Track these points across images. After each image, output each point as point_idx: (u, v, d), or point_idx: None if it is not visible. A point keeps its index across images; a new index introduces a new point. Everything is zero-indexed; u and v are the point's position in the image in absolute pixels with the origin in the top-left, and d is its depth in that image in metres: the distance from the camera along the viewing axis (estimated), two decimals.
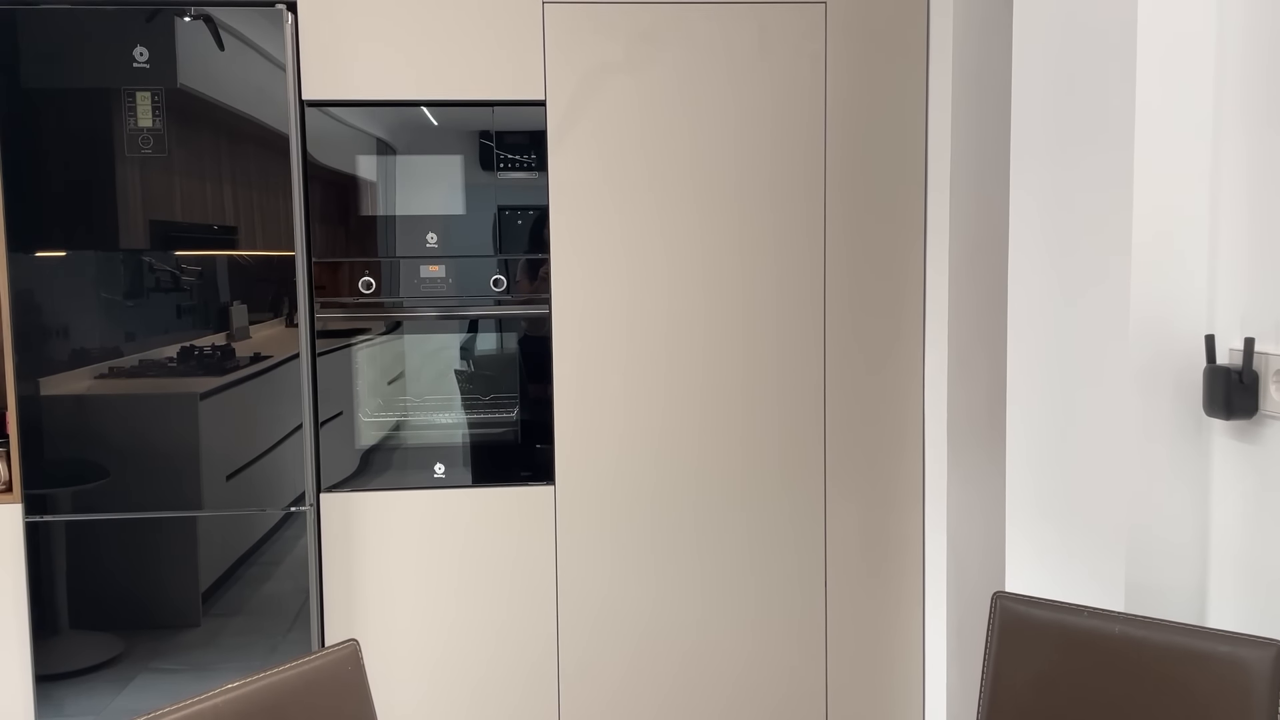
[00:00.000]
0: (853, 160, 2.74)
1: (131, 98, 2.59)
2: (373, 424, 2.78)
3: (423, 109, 2.73)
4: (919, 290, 2.78)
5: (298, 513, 2.71)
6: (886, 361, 2.78)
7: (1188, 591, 1.66)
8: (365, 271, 2.73)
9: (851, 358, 2.78)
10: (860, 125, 2.73)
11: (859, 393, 2.78)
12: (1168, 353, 1.63)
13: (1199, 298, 1.63)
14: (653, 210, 2.75)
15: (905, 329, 2.78)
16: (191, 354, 2.67)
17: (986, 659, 1.61)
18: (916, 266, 2.77)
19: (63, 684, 2.67)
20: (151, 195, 2.63)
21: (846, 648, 2.84)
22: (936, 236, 2.70)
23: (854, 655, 2.84)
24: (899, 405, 2.80)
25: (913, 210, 2.76)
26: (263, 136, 2.64)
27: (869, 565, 2.82)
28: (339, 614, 2.76)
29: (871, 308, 2.77)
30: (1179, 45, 1.61)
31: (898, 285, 2.78)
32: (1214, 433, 1.64)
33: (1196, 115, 1.61)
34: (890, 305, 2.78)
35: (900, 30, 2.72)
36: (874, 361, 2.78)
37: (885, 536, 2.82)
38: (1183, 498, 1.65)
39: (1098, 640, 1.52)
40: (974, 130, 2.57)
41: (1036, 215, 1.90)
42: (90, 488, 2.65)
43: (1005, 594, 1.63)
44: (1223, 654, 1.43)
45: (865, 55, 2.72)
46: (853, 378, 2.78)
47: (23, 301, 2.62)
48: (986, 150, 2.56)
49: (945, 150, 2.62)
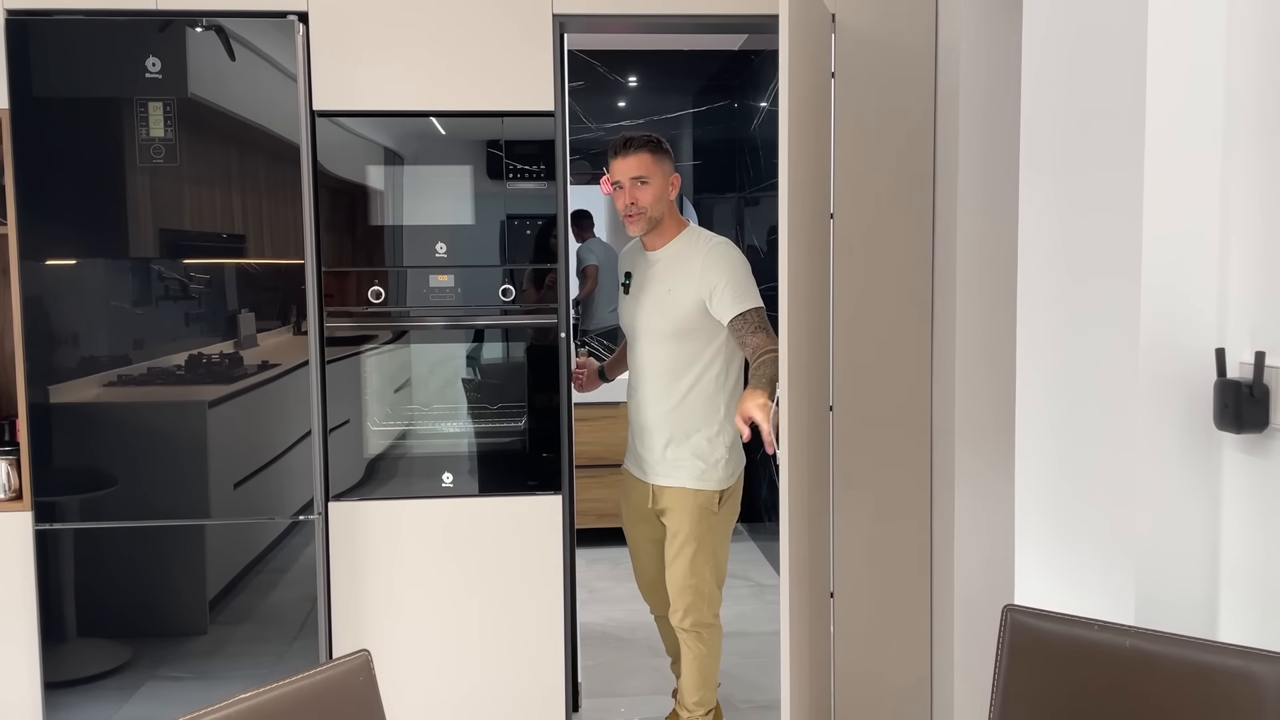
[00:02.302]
0: (861, 169, 2.74)
1: (144, 108, 2.60)
2: (380, 432, 2.79)
3: (432, 119, 2.74)
4: (926, 302, 2.78)
5: (305, 521, 2.71)
6: (893, 373, 2.78)
7: (1198, 605, 1.66)
8: (375, 281, 2.74)
9: (858, 369, 2.78)
10: (868, 135, 2.74)
11: (865, 405, 2.78)
12: (1178, 366, 1.63)
13: (1209, 311, 1.63)
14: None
15: (912, 341, 2.78)
16: (200, 362, 2.68)
17: (997, 673, 1.61)
18: (924, 277, 2.77)
19: (71, 691, 2.67)
20: (161, 204, 2.64)
21: (852, 658, 2.83)
22: (944, 247, 2.71)
23: (860, 667, 2.84)
24: (906, 417, 2.79)
25: (921, 220, 2.76)
26: (272, 146, 2.65)
27: (875, 575, 2.82)
28: (346, 622, 2.76)
29: (878, 319, 2.78)
30: (1189, 60, 1.61)
31: (905, 297, 2.78)
32: (1224, 446, 1.64)
33: (1207, 128, 1.62)
34: (897, 317, 2.78)
35: (909, 40, 2.73)
36: (881, 373, 2.78)
37: (892, 547, 2.81)
38: (1193, 511, 1.65)
39: (1109, 654, 1.52)
40: (983, 140, 2.58)
41: (1046, 228, 1.90)
42: (98, 495, 2.66)
43: (1016, 607, 1.62)
44: (1235, 669, 1.43)
45: (873, 65, 2.72)
46: (859, 389, 2.78)
47: (33, 309, 2.62)
48: (995, 160, 2.57)
49: (954, 160, 2.62)
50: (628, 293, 2.75)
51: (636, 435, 2.74)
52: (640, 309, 2.68)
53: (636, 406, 2.72)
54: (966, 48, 2.57)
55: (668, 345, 2.63)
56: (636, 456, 2.75)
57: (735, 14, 2.73)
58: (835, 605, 2.82)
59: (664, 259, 2.66)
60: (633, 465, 2.79)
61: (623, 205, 2.62)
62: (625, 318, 2.77)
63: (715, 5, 2.72)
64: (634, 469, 2.78)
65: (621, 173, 2.61)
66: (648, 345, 2.66)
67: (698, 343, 2.61)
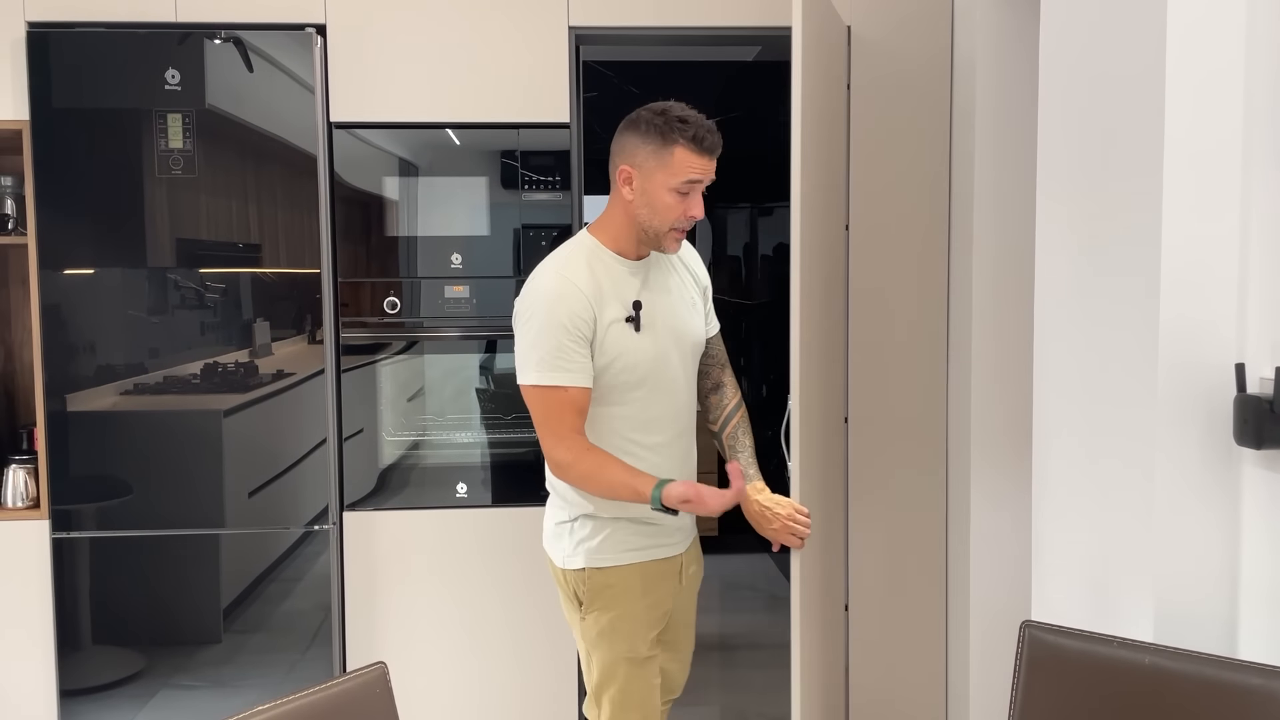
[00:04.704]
0: (877, 177, 2.74)
1: (163, 119, 2.62)
2: (394, 442, 2.80)
3: (447, 130, 2.75)
4: (942, 315, 2.77)
5: (319, 531, 2.72)
6: (910, 386, 2.78)
7: (1218, 622, 1.64)
8: (390, 291, 2.75)
9: (874, 381, 2.77)
10: (884, 146, 2.74)
11: (881, 418, 2.77)
12: (1197, 381, 1.62)
13: (1229, 325, 1.62)
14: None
15: (928, 354, 2.78)
16: (215, 371, 2.69)
17: (1014, 690, 1.60)
18: (940, 290, 2.77)
19: (86, 699, 2.68)
20: (179, 214, 2.66)
21: (867, 672, 2.82)
22: (960, 259, 2.70)
23: (875, 682, 2.82)
24: (922, 429, 2.79)
25: (937, 233, 2.76)
26: (289, 157, 2.67)
27: (890, 589, 2.81)
28: (360, 632, 2.76)
29: (894, 332, 2.77)
30: (1208, 73, 1.61)
31: (920, 309, 2.77)
32: (1244, 462, 1.62)
33: (1226, 142, 1.61)
34: (913, 329, 2.77)
35: (925, 53, 2.73)
36: (897, 385, 2.77)
37: (908, 561, 2.80)
38: (1212, 527, 1.64)
39: (1128, 672, 1.51)
40: (999, 153, 2.58)
41: (1064, 242, 1.90)
42: (114, 504, 2.67)
43: (1034, 623, 1.62)
44: (1256, 687, 1.42)
45: (889, 78, 2.72)
46: (874, 399, 2.77)
47: (51, 318, 2.64)
48: (1011, 168, 2.56)
49: (970, 172, 2.62)
50: (639, 329, 1.95)
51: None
52: (671, 329, 2.00)
53: (679, 460, 2.04)
54: (983, 61, 2.57)
55: (693, 368, 2.08)
56: (667, 531, 2.02)
57: (750, 26, 2.73)
58: (850, 619, 2.81)
59: (657, 264, 2.03)
60: (661, 543, 2.03)
61: (689, 215, 1.93)
62: (645, 353, 1.96)
63: (730, 19, 2.73)
64: (664, 548, 2.03)
65: (706, 171, 1.92)
66: (685, 374, 2.04)
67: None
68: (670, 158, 1.88)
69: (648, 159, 1.90)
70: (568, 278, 1.91)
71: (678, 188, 1.89)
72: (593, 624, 2.00)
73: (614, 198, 1.97)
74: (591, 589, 1.99)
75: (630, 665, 2.00)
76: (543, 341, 1.88)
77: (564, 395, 1.89)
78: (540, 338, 1.88)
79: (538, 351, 1.89)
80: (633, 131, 1.92)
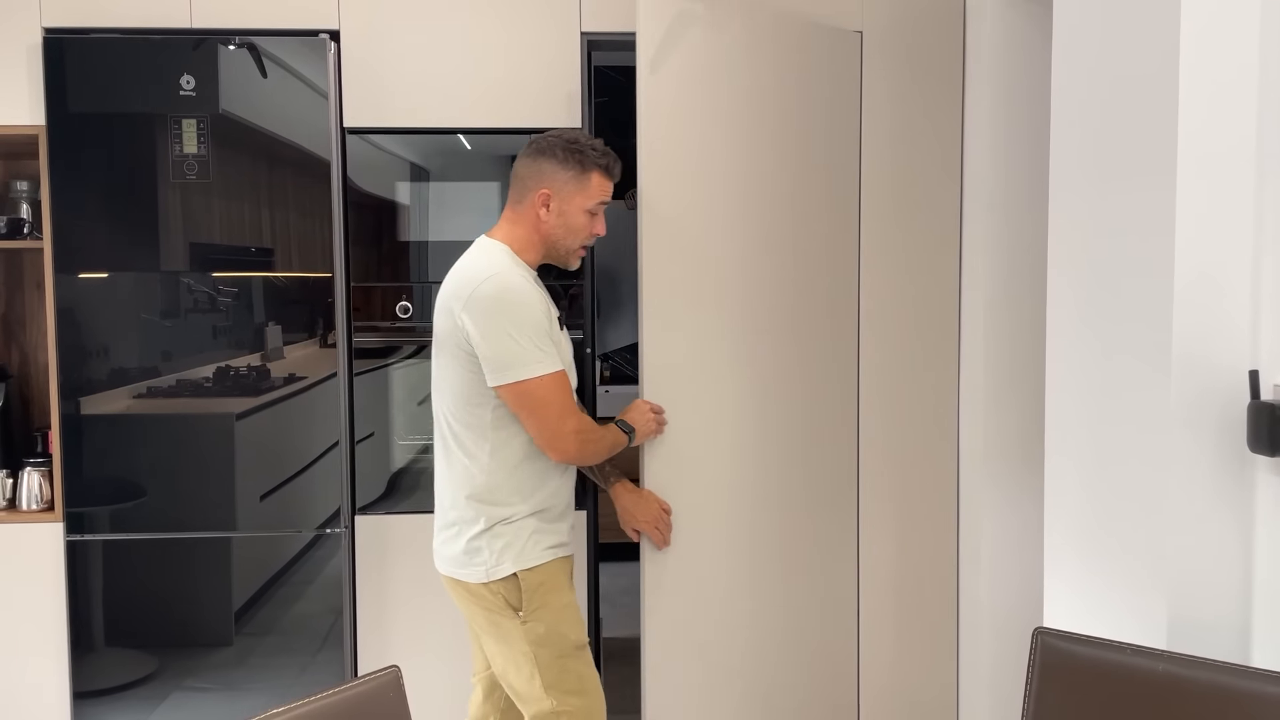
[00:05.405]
0: (888, 181, 2.74)
1: (178, 125, 2.64)
2: (405, 446, 2.80)
3: (459, 135, 2.76)
4: (954, 321, 2.77)
5: (330, 534, 2.73)
6: (920, 392, 2.77)
7: (1232, 629, 1.64)
8: (402, 296, 2.76)
9: (884, 387, 2.77)
10: (896, 147, 2.73)
11: (892, 421, 2.77)
12: (1211, 388, 1.62)
13: (1243, 332, 1.62)
14: (696, 235, 2.76)
15: (940, 360, 2.77)
16: (227, 374, 2.70)
17: (1026, 697, 1.59)
18: (951, 291, 2.76)
19: (99, 701, 2.69)
20: (193, 218, 2.67)
21: (878, 678, 2.81)
22: (972, 260, 2.70)
23: (886, 688, 2.82)
24: (933, 435, 2.78)
25: (948, 235, 2.75)
26: (303, 162, 2.68)
27: (901, 595, 2.80)
28: (371, 635, 2.77)
29: (906, 339, 2.77)
30: (1222, 77, 1.60)
31: (931, 317, 2.77)
32: (1258, 469, 1.62)
33: (1240, 148, 1.60)
34: (925, 335, 2.77)
35: (936, 55, 2.73)
36: (908, 392, 2.77)
37: (919, 567, 2.80)
38: (1226, 534, 1.63)
39: (1142, 679, 1.50)
40: (1011, 151, 2.57)
41: (1076, 249, 1.89)
42: (127, 507, 2.68)
43: (1047, 630, 1.61)
44: (1270, 695, 1.41)
45: (901, 79, 2.72)
46: (886, 406, 2.77)
47: (65, 321, 2.66)
48: (1023, 172, 2.56)
49: (982, 172, 2.61)
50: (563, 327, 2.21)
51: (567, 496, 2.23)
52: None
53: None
54: (995, 66, 2.56)
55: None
56: (566, 532, 2.22)
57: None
58: (862, 628, 2.80)
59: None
60: (565, 543, 2.21)
61: (595, 232, 2.17)
62: (567, 354, 2.18)
63: None
64: (567, 548, 2.22)
65: (610, 194, 2.19)
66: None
67: None
68: (588, 183, 2.12)
69: (566, 184, 2.11)
70: (523, 278, 2.10)
71: (591, 209, 2.14)
72: (536, 624, 2.11)
73: (521, 214, 2.14)
74: (527, 590, 2.10)
75: (579, 651, 2.16)
76: (536, 335, 2.05)
77: (562, 377, 2.09)
78: (534, 332, 2.04)
79: (535, 345, 2.04)
80: (549, 158, 2.12)
